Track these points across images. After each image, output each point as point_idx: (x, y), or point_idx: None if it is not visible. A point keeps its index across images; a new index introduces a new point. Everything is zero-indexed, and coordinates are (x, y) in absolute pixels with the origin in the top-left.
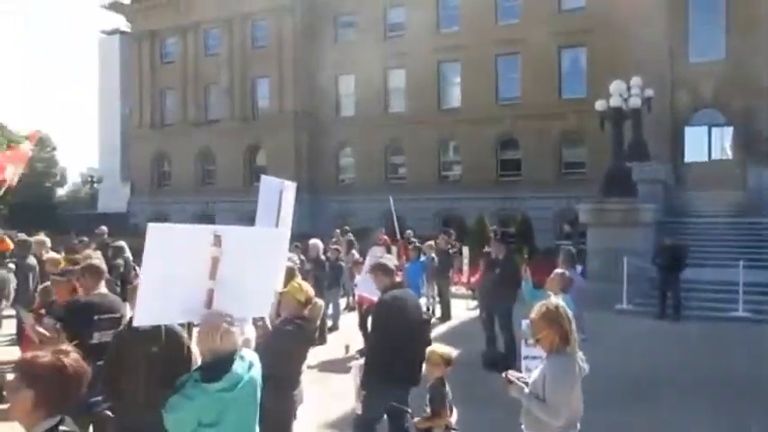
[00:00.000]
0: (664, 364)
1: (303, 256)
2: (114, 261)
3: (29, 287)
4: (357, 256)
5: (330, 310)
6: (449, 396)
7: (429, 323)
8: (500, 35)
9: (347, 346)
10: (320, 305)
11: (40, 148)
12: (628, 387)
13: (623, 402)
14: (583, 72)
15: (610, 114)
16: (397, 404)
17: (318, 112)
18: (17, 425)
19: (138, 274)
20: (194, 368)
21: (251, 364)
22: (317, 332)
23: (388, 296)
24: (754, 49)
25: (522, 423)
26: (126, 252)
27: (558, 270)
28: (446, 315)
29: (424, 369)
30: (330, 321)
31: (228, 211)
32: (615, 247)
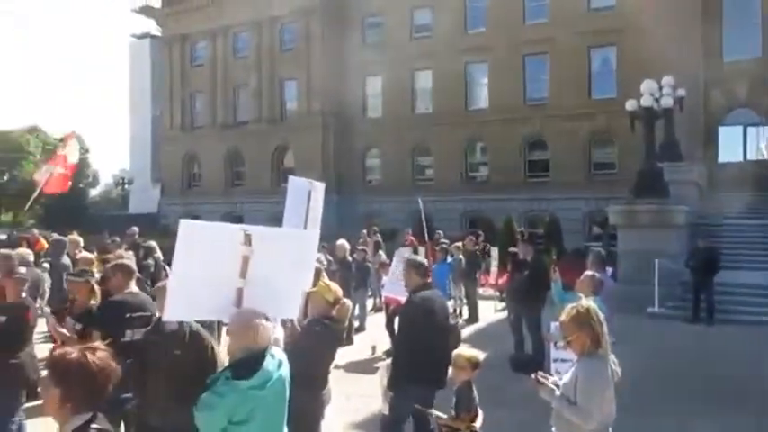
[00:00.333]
0: (696, 369)
1: (330, 257)
2: (145, 261)
3: (63, 286)
4: (384, 257)
5: (357, 311)
6: (475, 400)
7: (456, 325)
8: (528, 35)
9: (373, 347)
10: (348, 305)
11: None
12: (658, 392)
13: (653, 407)
14: (613, 72)
15: (641, 114)
16: (419, 406)
17: (345, 114)
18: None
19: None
20: (224, 366)
21: (280, 363)
22: (345, 332)
23: (417, 297)
24: None
25: (553, 425)
26: (156, 252)
27: (589, 272)
28: (473, 317)
29: (450, 371)
30: (357, 322)
31: (257, 211)
32: (646, 250)
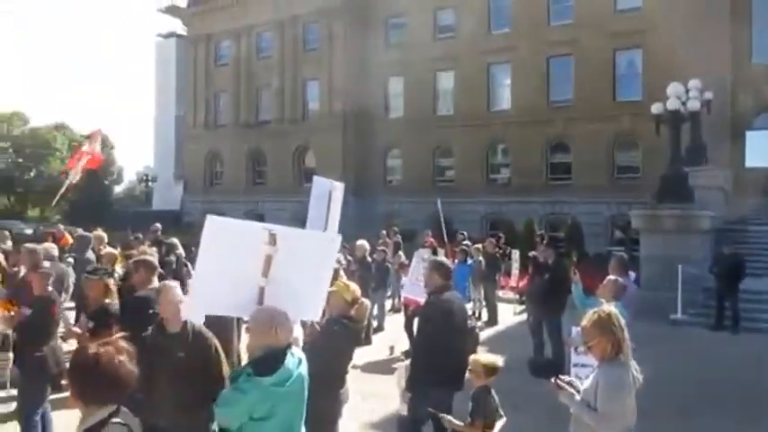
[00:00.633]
0: (719, 378)
1: (350, 257)
2: (167, 257)
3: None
4: (404, 258)
5: (375, 311)
6: (494, 405)
7: (474, 328)
8: (552, 36)
9: (392, 348)
10: (367, 305)
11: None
12: (679, 400)
13: (673, 416)
14: (638, 74)
15: (666, 117)
16: (433, 410)
17: (367, 114)
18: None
19: (190, 270)
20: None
21: (300, 361)
22: (363, 332)
23: (436, 298)
24: None
25: (572, 430)
26: (178, 249)
27: (612, 276)
28: (493, 319)
29: (467, 374)
30: (375, 322)
31: (278, 210)
32: (669, 255)
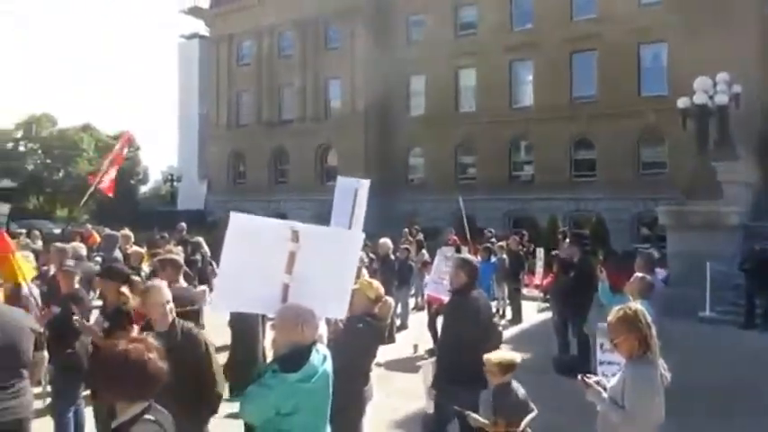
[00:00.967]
0: (749, 377)
1: (372, 255)
2: (193, 256)
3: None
4: (427, 256)
5: (399, 310)
6: (519, 400)
7: (497, 326)
8: (575, 32)
9: (416, 346)
10: (390, 303)
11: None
12: (708, 400)
13: (702, 415)
14: (663, 68)
15: (693, 112)
16: (458, 408)
17: (389, 112)
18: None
19: (215, 269)
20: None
21: (325, 358)
22: (387, 330)
23: (462, 297)
24: None
25: (599, 429)
26: (203, 247)
27: (639, 274)
28: (517, 318)
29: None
30: (399, 321)
31: (300, 209)
32: (697, 252)
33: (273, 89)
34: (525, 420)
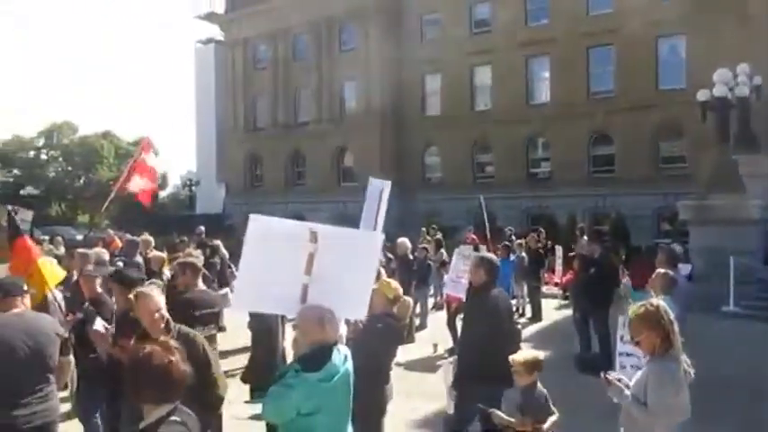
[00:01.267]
0: None
1: (391, 255)
2: (212, 259)
3: (144, 281)
4: (445, 255)
5: (418, 309)
6: (543, 401)
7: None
8: (592, 26)
9: (435, 345)
10: (409, 303)
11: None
12: (733, 396)
13: (727, 413)
14: (682, 61)
15: (714, 105)
16: (482, 406)
17: (404, 112)
18: None
19: (234, 272)
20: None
21: (346, 357)
22: (406, 330)
23: (481, 295)
24: None
25: (621, 426)
26: (222, 251)
27: (661, 270)
28: (537, 316)
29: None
30: (418, 320)
31: (317, 210)
32: (720, 246)
33: (289, 92)
34: (551, 420)
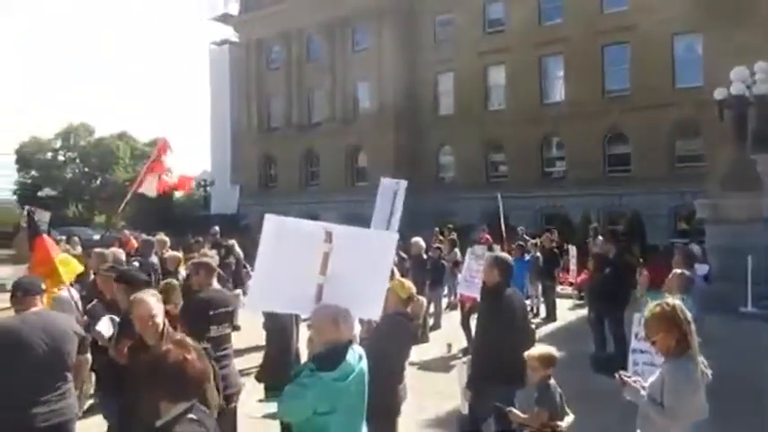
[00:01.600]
0: None
1: (404, 255)
2: (226, 259)
3: (151, 283)
4: (459, 255)
5: (432, 309)
6: (556, 399)
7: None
8: (606, 24)
9: (449, 345)
10: (422, 302)
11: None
12: (752, 398)
13: (745, 414)
14: (699, 59)
15: (731, 103)
16: (499, 404)
17: (418, 112)
18: None
19: (249, 272)
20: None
21: (361, 357)
22: (419, 329)
23: (495, 294)
24: None
25: (638, 427)
26: (236, 251)
27: (677, 270)
28: (551, 315)
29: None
30: (432, 320)
31: (331, 210)
32: (737, 246)
33: (303, 92)
34: (567, 420)
